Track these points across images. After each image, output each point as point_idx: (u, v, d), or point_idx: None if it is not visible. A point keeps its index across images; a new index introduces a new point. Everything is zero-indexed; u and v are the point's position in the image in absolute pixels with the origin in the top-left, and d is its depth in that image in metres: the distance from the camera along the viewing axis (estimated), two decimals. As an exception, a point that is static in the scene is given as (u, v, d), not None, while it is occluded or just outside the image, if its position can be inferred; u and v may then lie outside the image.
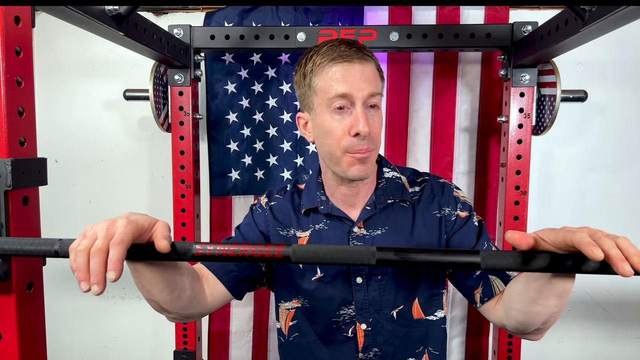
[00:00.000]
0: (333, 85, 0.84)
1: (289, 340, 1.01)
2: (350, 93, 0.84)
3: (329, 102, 0.85)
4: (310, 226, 0.98)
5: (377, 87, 0.87)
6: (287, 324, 1.00)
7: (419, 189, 0.99)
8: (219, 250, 0.65)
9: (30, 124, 0.75)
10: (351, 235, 0.95)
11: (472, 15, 1.57)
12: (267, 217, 1.02)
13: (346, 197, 0.96)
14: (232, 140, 1.66)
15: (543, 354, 1.71)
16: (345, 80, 0.84)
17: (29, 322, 0.75)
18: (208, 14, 1.60)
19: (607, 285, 1.67)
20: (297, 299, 0.99)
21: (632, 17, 0.80)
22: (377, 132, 0.88)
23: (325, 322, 0.96)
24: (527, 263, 0.61)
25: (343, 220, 0.96)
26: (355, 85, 0.84)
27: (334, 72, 0.85)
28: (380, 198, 0.96)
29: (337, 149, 0.87)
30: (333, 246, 0.64)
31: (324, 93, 0.86)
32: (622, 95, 1.61)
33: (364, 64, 0.85)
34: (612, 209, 1.65)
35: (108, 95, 1.71)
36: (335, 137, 0.86)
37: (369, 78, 0.85)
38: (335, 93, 0.84)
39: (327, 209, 0.96)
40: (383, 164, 1.01)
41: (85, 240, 0.62)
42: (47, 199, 1.73)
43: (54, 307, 1.78)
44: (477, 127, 1.63)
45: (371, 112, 0.87)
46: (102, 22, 0.90)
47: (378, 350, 0.95)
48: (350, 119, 0.85)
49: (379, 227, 0.95)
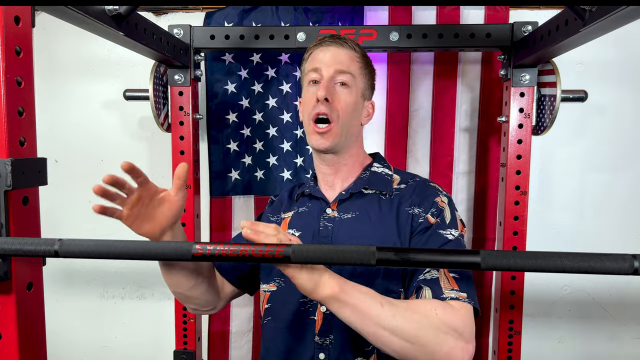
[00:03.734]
0: (311, 63, 1.03)
1: (264, 323, 1.04)
2: (319, 67, 1.00)
3: (306, 77, 1.03)
4: (294, 208, 1.08)
5: (348, 67, 1.00)
6: (263, 306, 1.04)
7: (405, 187, 1.01)
8: (219, 250, 0.65)
9: (30, 124, 0.75)
10: (323, 216, 1.01)
11: (472, 15, 1.57)
12: (268, 209, 1.15)
13: (325, 176, 1.05)
14: (232, 140, 1.66)
15: (543, 354, 1.70)
16: (320, 58, 1.01)
17: (29, 322, 0.75)
18: (208, 14, 1.60)
19: (607, 285, 1.67)
20: (274, 282, 1.02)
21: (632, 17, 0.80)
22: (341, 105, 0.98)
23: (294, 302, 0.97)
24: (528, 263, 0.60)
25: (321, 202, 1.04)
26: (325, 62, 1.00)
27: (315, 54, 1.03)
28: (357, 186, 1.02)
29: (307, 118, 1.00)
30: (333, 246, 0.64)
31: (305, 73, 1.05)
32: (622, 95, 1.61)
33: (339, 49, 1.01)
34: (612, 209, 1.65)
35: (108, 95, 1.71)
36: (307, 106, 1.01)
37: (341, 59, 1.00)
38: (310, 68, 1.02)
39: (311, 191, 1.07)
40: (376, 161, 1.08)
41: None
42: (47, 199, 1.73)
43: (54, 307, 1.78)
44: (477, 127, 1.63)
45: (340, 88, 0.99)
46: (102, 22, 0.90)
47: (333, 338, 0.94)
48: (316, 88, 0.99)
49: (351, 211, 1.00)
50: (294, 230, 1.04)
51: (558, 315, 1.70)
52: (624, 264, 0.58)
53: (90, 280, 1.79)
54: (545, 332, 1.71)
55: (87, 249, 0.66)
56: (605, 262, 0.58)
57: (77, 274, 1.79)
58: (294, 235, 0.94)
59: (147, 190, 0.84)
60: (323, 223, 1.00)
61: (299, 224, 1.04)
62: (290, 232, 1.04)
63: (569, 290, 1.68)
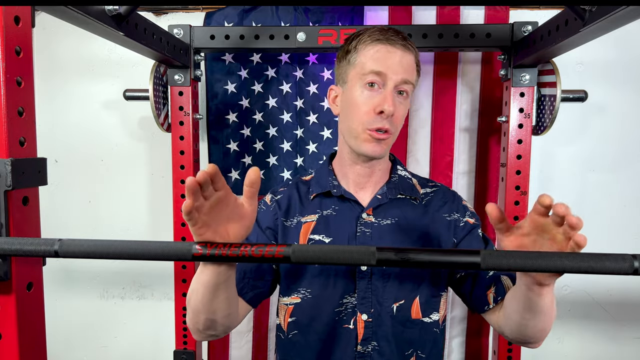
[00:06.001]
0: (371, 62, 0.89)
1: (288, 337, 1.00)
2: (385, 72, 0.88)
3: (362, 76, 0.90)
4: (318, 211, 0.99)
5: (412, 77, 0.92)
6: (287, 320, 1.00)
7: (431, 191, 1.03)
8: (219, 250, 0.65)
9: (30, 124, 0.75)
10: (359, 221, 0.96)
11: (472, 15, 1.57)
12: (274, 211, 1.02)
13: (359, 176, 0.99)
14: (232, 140, 1.66)
15: (543, 354, 1.70)
16: (384, 59, 0.89)
17: (29, 322, 0.75)
18: (208, 14, 1.60)
19: (607, 285, 1.67)
20: (297, 293, 0.98)
21: (632, 17, 0.80)
22: (399, 118, 0.92)
23: (327, 313, 0.95)
24: (528, 263, 0.60)
25: (353, 205, 0.98)
26: (391, 67, 0.88)
27: (375, 50, 0.90)
28: (392, 190, 0.99)
29: (359, 124, 0.91)
30: (333, 246, 0.64)
31: (360, 67, 0.91)
32: (622, 95, 1.61)
33: (405, 52, 0.90)
34: (612, 209, 1.65)
35: (108, 95, 1.71)
36: (360, 111, 0.90)
37: (406, 66, 0.90)
38: (371, 69, 0.89)
39: (340, 192, 0.99)
40: (397, 163, 1.05)
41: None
42: (47, 199, 1.73)
43: (54, 307, 1.78)
44: (477, 127, 1.63)
45: (399, 98, 0.91)
46: (102, 22, 0.90)
47: (377, 345, 0.94)
48: (378, 98, 0.89)
49: (389, 217, 0.97)
50: (322, 236, 0.96)
51: (558, 315, 1.68)
52: (624, 264, 0.58)
53: (90, 280, 1.79)
54: (545, 332, 1.71)
55: (87, 249, 0.66)
56: (605, 262, 0.58)
57: (77, 274, 1.79)
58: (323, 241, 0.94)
59: (225, 200, 0.71)
60: (360, 228, 0.95)
61: (329, 230, 0.97)
62: (317, 238, 0.97)
63: (569, 290, 1.68)
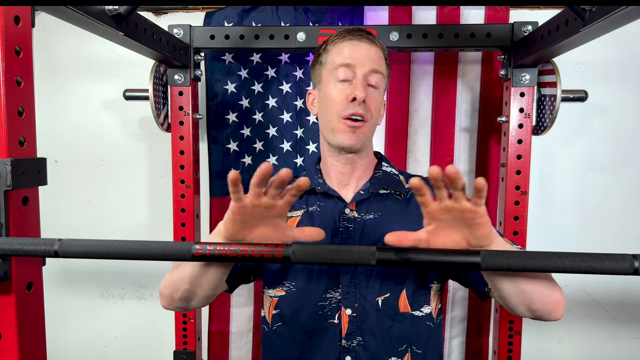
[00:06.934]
0: (340, 57, 0.95)
1: (272, 329, 1.01)
2: (353, 64, 0.94)
3: (334, 71, 0.95)
4: (303, 207, 1.02)
5: (380, 67, 0.96)
6: (271, 312, 1.00)
7: None
8: (219, 250, 0.65)
9: (30, 124, 0.75)
10: (342, 217, 0.98)
11: (472, 15, 1.57)
12: None
13: (340, 174, 1.01)
14: (232, 140, 1.66)
15: (543, 354, 1.70)
16: (351, 53, 0.95)
17: (29, 322, 0.75)
18: (208, 14, 1.60)
19: (607, 285, 1.67)
20: (282, 286, 0.99)
21: (632, 17, 0.80)
22: (374, 106, 0.95)
23: (311, 306, 0.96)
24: (528, 263, 0.60)
25: (336, 201, 1.00)
26: (358, 59, 0.94)
27: (343, 46, 0.96)
28: (375, 186, 1.00)
29: (334, 114, 0.95)
30: (333, 246, 0.64)
31: (331, 64, 0.96)
32: (622, 95, 1.61)
33: (370, 45, 0.96)
34: (612, 209, 1.65)
35: (108, 95, 1.71)
36: (335, 103, 0.95)
37: (373, 57, 0.95)
38: (340, 62, 0.94)
39: (324, 189, 1.01)
40: (383, 160, 1.07)
41: None
42: (47, 199, 1.73)
43: (54, 307, 1.78)
44: (477, 127, 1.63)
45: (370, 89, 0.95)
46: (102, 22, 0.90)
47: (361, 339, 0.94)
48: (350, 88, 0.94)
49: (372, 211, 0.98)
50: None
51: (558, 315, 1.70)
52: (624, 264, 0.58)
53: (90, 280, 1.79)
54: (545, 332, 1.71)
55: (86, 249, 0.66)
56: (605, 262, 0.58)
57: (77, 274, 1.79)
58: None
59: (275, 210, 0.71)
60: (343, 224, 0.97)
61: (312, 224, 0.98)
62: None
63: (569, 290, 1.68)
